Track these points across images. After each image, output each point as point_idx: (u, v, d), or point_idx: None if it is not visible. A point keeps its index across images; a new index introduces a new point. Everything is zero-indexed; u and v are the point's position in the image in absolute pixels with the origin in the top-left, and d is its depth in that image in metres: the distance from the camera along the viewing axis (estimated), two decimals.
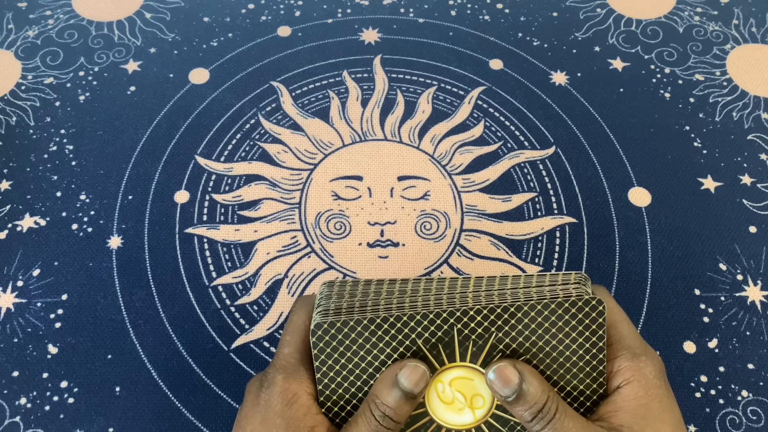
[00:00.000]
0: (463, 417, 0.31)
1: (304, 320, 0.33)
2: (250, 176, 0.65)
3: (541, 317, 0.30)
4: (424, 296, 0.31)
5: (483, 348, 0.30)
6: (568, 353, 0.30)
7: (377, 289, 0.32)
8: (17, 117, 0.69)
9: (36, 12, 0.78)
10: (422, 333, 0.29)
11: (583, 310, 0.30)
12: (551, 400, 0.30)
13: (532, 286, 0.31)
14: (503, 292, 0.30)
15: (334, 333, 0.30)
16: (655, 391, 0.31)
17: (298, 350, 0.32)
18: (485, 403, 0.31)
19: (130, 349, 0.55)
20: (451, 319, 0.29)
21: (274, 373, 0.32)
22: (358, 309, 0.30)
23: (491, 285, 0.31)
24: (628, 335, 0.33)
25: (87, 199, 0.63)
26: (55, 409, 0.53)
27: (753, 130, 0.70)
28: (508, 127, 0.70)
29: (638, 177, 0.66)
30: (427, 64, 0.75)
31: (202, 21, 0.78)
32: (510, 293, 0.30)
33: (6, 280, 0.59)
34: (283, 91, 0.72)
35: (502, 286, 0.31)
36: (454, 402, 0.30)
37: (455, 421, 0.31)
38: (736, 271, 0.61)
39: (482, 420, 0.31)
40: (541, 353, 0.30)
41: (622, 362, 0.32)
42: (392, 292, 0.31)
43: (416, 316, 0.29)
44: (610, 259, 0.61)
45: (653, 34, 0.79)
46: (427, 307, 0.30)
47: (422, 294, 0.31)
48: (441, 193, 0.65)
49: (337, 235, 0.62)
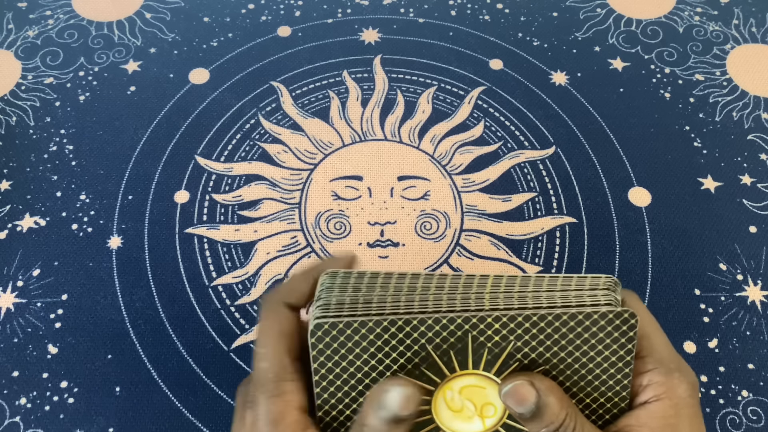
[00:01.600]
0: (472, 425, 0.29)
1: (279, 325, 0.30)
2: (250, 176, 0.65)
3: (565, 328, 0.27)
4: (436, 295, 0.28)
5: (499, 356, 0.28)
6: (592, 365, 0.28)
7: (384, 283, 0.29)
8: (17, 117, 0.69)
9: (36, 12, 0.78)
10: (433, 338, 0.27)
11: (613, 322, 0.27)
12: (570, 417, 0.28)
13: (557, 290, 0.28)
14: (524, 295, 0.28)
15: (335, 334, 0.27)
16: (686, 411, 0.29)
17: (277, 362, 0.29)
18: (496, 412, 0.29)
19: (130, 349, 0.55)
20: (467, 325, 0.27)
21: (256, 393, 0.29)
22: (363, 306, 0.28)
23: (511, 286, 0.28)
24: (661, 348, 0.31)
25: (87, 199, 0.63)
26: (55, 409, 0.53)
27: (753, 130, 0.70)
28: (508, 127, 0.70)
29: (638, 177, 0.66)
30: (427, 64, 0.75)
31: (202, 21, 0.78)
32: (531, 297, 0.28)
33: (6, 280, 0.59)
34: (283, 91, 0.72)
35: (523, 289, 0.28)
36: (463, 410, 0.28)
37: (463, 430, 0.29)
38: (736, 271, 0.61)
39: (492, 429, 0.29)
40: (562, 364, 0.28)
41: (653, 377, 0.30)
42: (401, 288, 0.29)
43: (428, 321, 0.27)
44: (610, 259, 0.61)
45: (653, 34, 0.79)
46: (439, 308, 0.27)
47: (434, 292, 0.28)
48: (441, 193, 0.65)
49: (337, 235, 0.62)
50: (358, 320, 0.27)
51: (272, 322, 0.30)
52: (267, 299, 0.31)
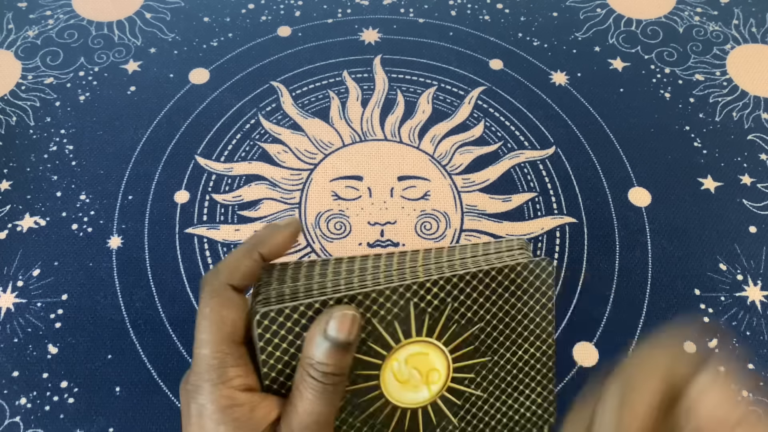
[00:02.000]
0: (419, 394, 0.30)
1: (220, 309, 0.28)
2: (250, 176, 0.65)
3: (494, 283, 0.29)
4: (374, 274, 0.29)
5: (438, 320, 0.29)
6: (520, 316, 0.30)
7: (322, 270, 0.30)
8: (17, 117, 0.69)
9: (36, 12, 0.78)
10: (377, 311, 0.28)
11: (533, 272, 0.30)
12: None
13: (479, 254, 0.31)
14: (452, 263, 0.30)
15: (282, 321, 0.27)
16: None
17: (219, 350, 0.27)
18: (440, 377, 0.30)
19: (130, 349, 0.55)
20: (408, 293, 0.28)
21: (199, 382, 0.27)
22: (304, 294, 0.28)
23: (439, 257, 0.30)
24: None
25: (87, 199, 0.63)
26: (55, 409, 0.53)
27: (753, 130, 0.70)
28: (508, 127, 0.70)
29: (638, 177, 0.66)
30: (427, 64, 0.75)
31: (202, 21, 0.78)
32: (459, 264, 0.30)
33: (6, 280, 0.59)
34: (283, 91, 0.72)
35: (450, 258, 0.30)
36: (410, 380, 0.30)
37: (411, 399, 0.30)
38: (736, 271, 0.61)
39: (438, 395, 0.30)
40: (495, 319, 0.30)
41: None
42: (338, 272, 0.30)
43: (372, 294, 0.28)
44: (610, 259, 0.61)
45: (653, 34, 0.79)
46: (378, 284, 0.28)
47: (371, 272, 0.30)
48: (441, 193, 0.65)
49: (337, 235, 0.62)
50: (303, 303, 0.27)
51: (215, 312, 0.28)
52: (207, 281, 0.29)
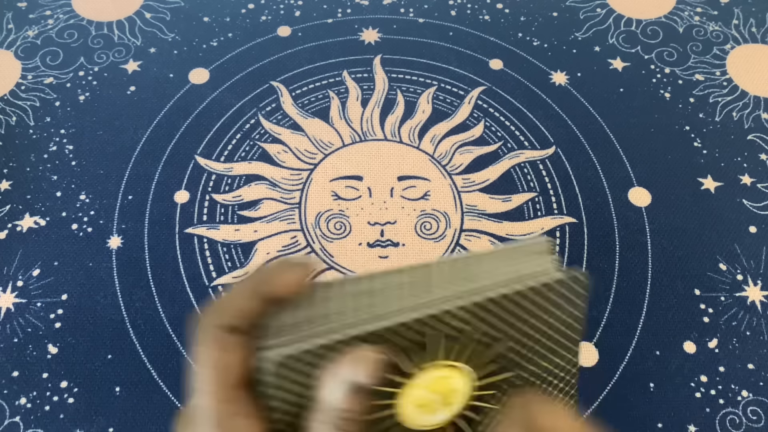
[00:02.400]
0: (438, 416, 0.29)
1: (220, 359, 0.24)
2: (250, 176, 0.65)
3: (526, 301, 0.27)
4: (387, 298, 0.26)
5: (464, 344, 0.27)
6: (551, 332, 0.28)
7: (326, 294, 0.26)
8: (17, 117, 0.69)
9: (36, 12, 0.78)
10: (398, 343, 0.26)
11: (569, 286, 0.27)
12: None
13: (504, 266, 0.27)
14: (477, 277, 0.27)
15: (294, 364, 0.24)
16: None
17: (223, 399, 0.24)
18: (462, 397, 0.29)
19: (130, 349, 0.55)
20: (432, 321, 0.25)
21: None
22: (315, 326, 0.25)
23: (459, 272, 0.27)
24: None
25: (87, 199, 0.63)
26: (55, 409, 0.53)
27: (753, 130, 0.70)
28: (508, 127, 0.70)
29: (638, 177, 0.66)
30: (427, 64, 0.75)
31: (202, 21, 0.78)
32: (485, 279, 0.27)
33: (6, 280, 0.59)
34: (283, 91, 0.72)
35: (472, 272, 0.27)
36: (430, 404, 0.28)
37: (429, 422, 0.29)
38: (736, 271, 0.61)
39: (458, 415, 0.29)
40: (524, 337, 0.28)
41: None
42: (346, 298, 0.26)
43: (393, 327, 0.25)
44: (610, 259, 0.61)
45: (653, 34, 0.79)
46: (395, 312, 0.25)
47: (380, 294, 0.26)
48: (441, 193, 0.65)
49: (337, 235, 0.62)
50: (320, 342, 0.24)
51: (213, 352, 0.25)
52: (205, 323, 0.25)
